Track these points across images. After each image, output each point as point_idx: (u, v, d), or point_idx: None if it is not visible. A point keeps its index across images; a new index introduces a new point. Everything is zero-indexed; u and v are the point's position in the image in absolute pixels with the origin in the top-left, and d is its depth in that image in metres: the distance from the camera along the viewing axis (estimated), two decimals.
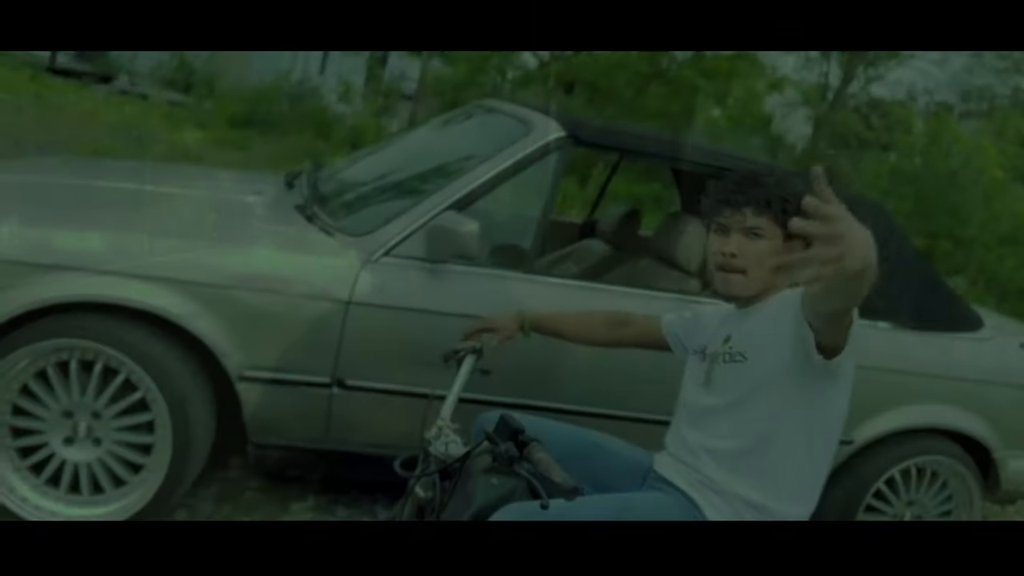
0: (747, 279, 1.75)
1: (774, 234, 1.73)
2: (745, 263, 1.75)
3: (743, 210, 1.74)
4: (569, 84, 14.23)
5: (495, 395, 2.39)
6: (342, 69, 17.93)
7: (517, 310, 2.19)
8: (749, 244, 1.74)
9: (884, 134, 14.64)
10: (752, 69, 12.97)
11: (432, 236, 2.46)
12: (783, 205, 1.72)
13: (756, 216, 1.73)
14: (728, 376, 1.77)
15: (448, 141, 3.25)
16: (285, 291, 2.38)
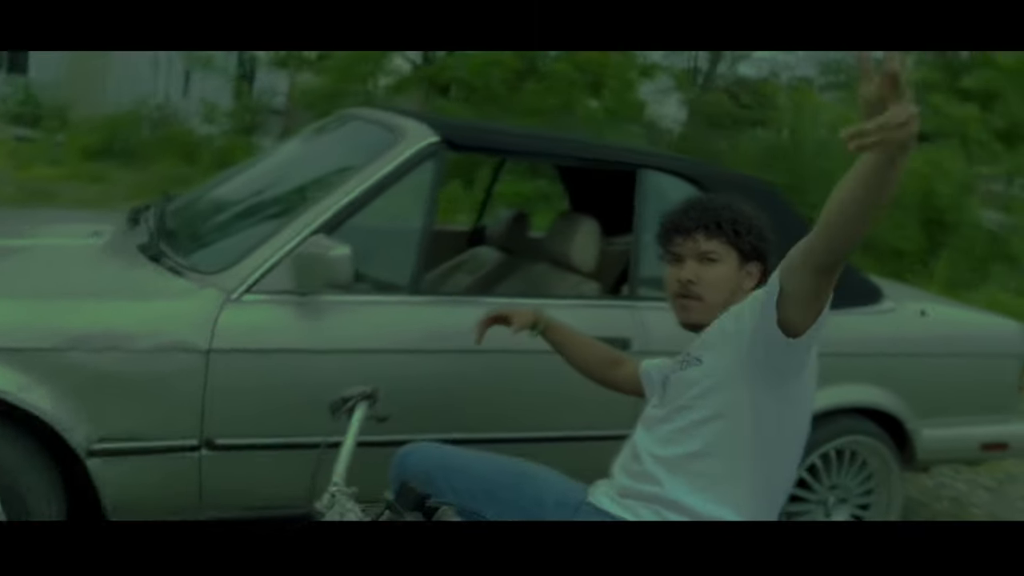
0: (705, 305, 1.73)
1: (728, 257, 1.73)
2: (702, 289, 1.73)
3: (695, 236, 1.73)
4: (444, 86, 14.00)
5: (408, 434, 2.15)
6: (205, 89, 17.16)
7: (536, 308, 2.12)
8: (704, 270, 1.73)
9: (754, 112, 15.04)
10: (623, 58, 13.05)
11: (299, 265, 2.18)
12: (734, 227, 1.72)
13: (708, 240, 1.72)
14: (681, 382, 1.69)
15: (312, 157, 2.96)
16: (131, 347, 2.05)
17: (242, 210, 2.66)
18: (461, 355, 2.36)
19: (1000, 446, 3.18)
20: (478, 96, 12.42)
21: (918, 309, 3.10)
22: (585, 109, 12.62)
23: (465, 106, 12.29)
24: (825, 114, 10.92)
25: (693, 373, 1.67)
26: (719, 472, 1.61)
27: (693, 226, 1.74)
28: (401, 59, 15.12)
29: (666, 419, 1.68)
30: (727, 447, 1.61)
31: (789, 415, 1.65)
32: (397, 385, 2.24)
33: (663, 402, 1.73)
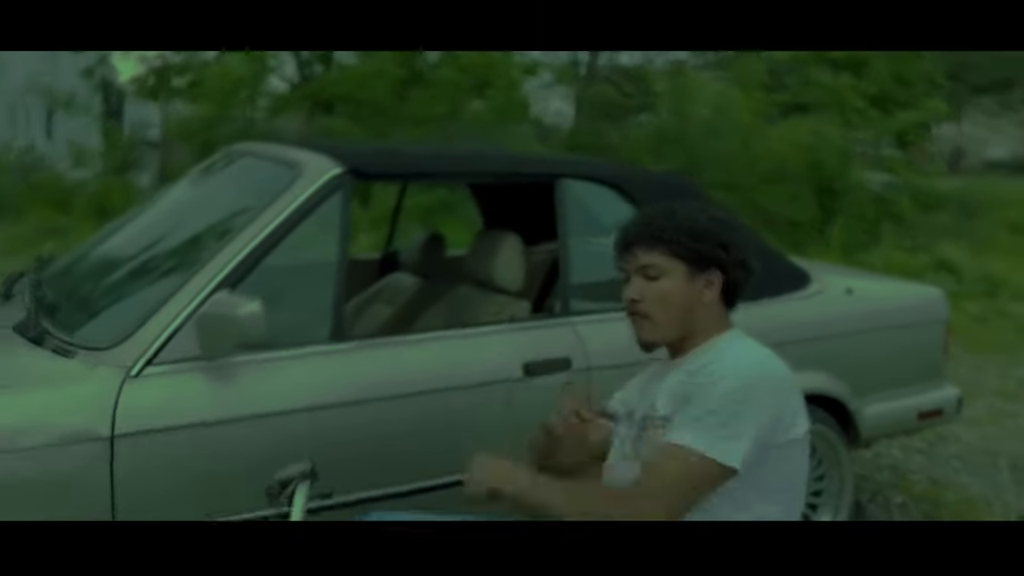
0: (654, 323, 1.61)
1: (674, 270, 1.60)
2: (648, 307, 1.61)
3: (634, 250, 1.62)
4: (327, 103, 13.61)
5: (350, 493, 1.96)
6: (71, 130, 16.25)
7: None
8: (648, 286, 1.61)
9: (638, 99, 15.22)
10: (504, 58, 12.98)
11: (204, 328, 1.96)
12: (675, 236, 1.59)
13: (647, 254, 1.60)
14: (654, 443, 1.55)
15: (203, 201, 2.71)
16: (21, 446, 1.79)
17: (131, 270, 2.39)
18: (394, 401, 2.19)
19: (936, 413, 3.22)
20: (364, 110, 12.12)
21: (843, 287, 3.09)
22: (472, 113, 12.49)
23: (351, 122, 11.97)
24: (705, 93, 11.10)
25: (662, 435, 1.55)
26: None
27: (631, 240, 1.63)
28: (278, 80, 14.64)
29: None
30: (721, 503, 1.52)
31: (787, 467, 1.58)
32: (329, 444, 2.06)
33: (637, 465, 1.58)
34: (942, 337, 3.22)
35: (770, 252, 3.04)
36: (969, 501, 3.55)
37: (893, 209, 10.20)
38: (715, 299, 1.63)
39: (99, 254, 2.62)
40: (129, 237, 2.65)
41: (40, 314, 2.11)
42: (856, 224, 9.64)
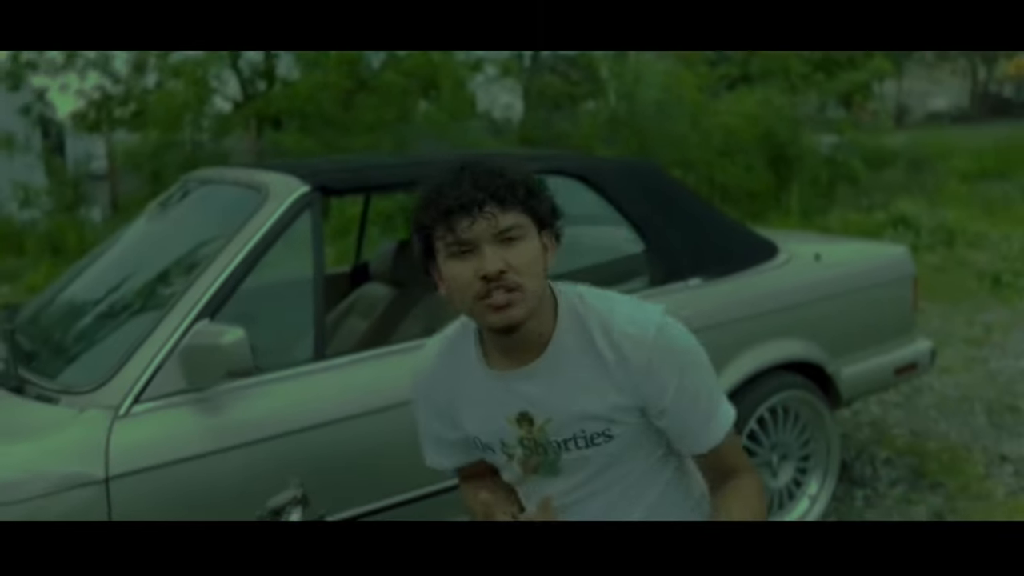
0: (526, 295, 1.28)
1: (530, 230, 1.29)
2: (518, 277, 1.26)
3: (487, 210, 1.25)
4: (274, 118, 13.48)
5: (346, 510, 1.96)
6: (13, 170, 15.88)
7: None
8: (512, 252, 1.26)
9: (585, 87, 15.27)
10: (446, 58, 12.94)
11: (188, 360, 1.95)
12: (526, 188, 1.29)
13: (505, 213, 1.26)
14: (590, 461, 1.40)
15: (172, 232, 2.67)
16: (18, 497, 1.76)
17: (106, 309, 2.36)
18: (382, 414, 2.19)
19: (911, 367, 3.29)
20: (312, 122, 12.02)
21: (811, 254, 3.15)
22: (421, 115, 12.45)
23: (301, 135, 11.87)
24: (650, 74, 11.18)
25: (606, 451, 1.38)
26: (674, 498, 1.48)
27: (481, 198, 1.25)
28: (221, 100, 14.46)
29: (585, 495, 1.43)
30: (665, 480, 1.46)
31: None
32: (323, 462, 2.06)
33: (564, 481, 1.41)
34: (911, 293, 3.30)
35: (737, 227, 3.09)
36: (951, 449, 3.65)
37: (845, 170, 10.37)
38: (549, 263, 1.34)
39: (68, 297, 2.58)
40: (97, 277, 2.62)
41: (18, 363, 2.08)
42: (811, 189, 9.79)
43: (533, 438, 1.39)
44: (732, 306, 2.79)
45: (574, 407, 1.35)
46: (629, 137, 10.67)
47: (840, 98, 12.41)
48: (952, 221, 8.23)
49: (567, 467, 1.40)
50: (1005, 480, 3.35)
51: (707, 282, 2.79)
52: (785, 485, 2.98)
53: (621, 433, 1.37)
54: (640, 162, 3.19)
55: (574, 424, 1.36)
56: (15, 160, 14.41)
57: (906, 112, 32.94)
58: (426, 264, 1.35)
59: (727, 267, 2.88)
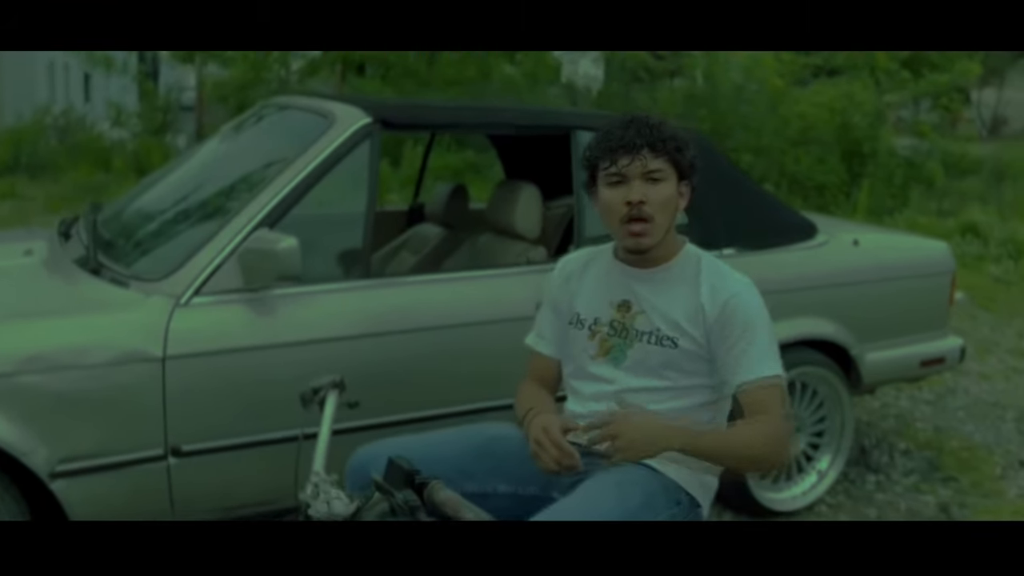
0: (655, 226, 1.67)
1: (671, 176, 1.67)
2: (652, 209, 1.65)
3: (641, 153, 1.64)
4: (359, 65, 13.74)
5: (361, 419, 2.15)
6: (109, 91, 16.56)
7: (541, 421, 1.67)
8: (653, 189, 1.65)
9: (669, 62, 15.15)
10: None
11: (246, 262, 2.16)
12: (675, 144, 1.67)
13: (655, 158, 1.65)
14: (655, 360, 1.71)
15: (243, 150, 2.89)
16: (84, 363, 2.00)
17: (178, 213, 2.59)
18: (418, 333, 2.37)
19: (938, 360, 3.34)
20: (395, 72, 12.25)
21: (850, 239, 3.21)
22: (502, 76, 12.56)
23: (382, 84, 12.12)
24: (737, 57, 11.07)
25: (668, 356, 1.69)
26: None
27: (640, 143, 1.64)
28: None
29: (638, 393, 1.69)
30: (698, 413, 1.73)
31: None
32: (360, 370, 2.25)
33: (624, 374, 1.72)
34: (947, 289, 3.33)
35: (777, 204, 3.17)
36: (971, 448, 3.69)
37: (922, 174, 10.15)
38: (683, 208, 1.74)
39: (146, 200, 2.82)
40: (174, 184, 2.86)
41: (97, 249, 2.32)
42: (884, 188, 9.62)
43: (623, 322, 1.74)
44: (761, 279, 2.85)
45: (662, 311, 1.70)
46: (705, 117, 10.61)
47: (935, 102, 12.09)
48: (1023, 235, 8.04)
49: (632, 360, 1.72)
50: (1019, 483, 3.39)
51: (741, 253, 2.89)
52: (795, 457, 3.08)
53: (683, 348, 1.69)
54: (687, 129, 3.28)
55: (656, 322, 1.71)
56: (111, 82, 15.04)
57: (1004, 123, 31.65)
58: (588, 189, 1.76)
59: (763, 241, 2.97)
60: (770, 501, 3.00)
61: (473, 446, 1.77)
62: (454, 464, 1.68)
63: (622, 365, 1.73)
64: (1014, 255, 7.65)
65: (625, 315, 1.75)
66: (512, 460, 1.73)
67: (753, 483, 2.94)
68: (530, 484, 1.73)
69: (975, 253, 7.75)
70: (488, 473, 1.73)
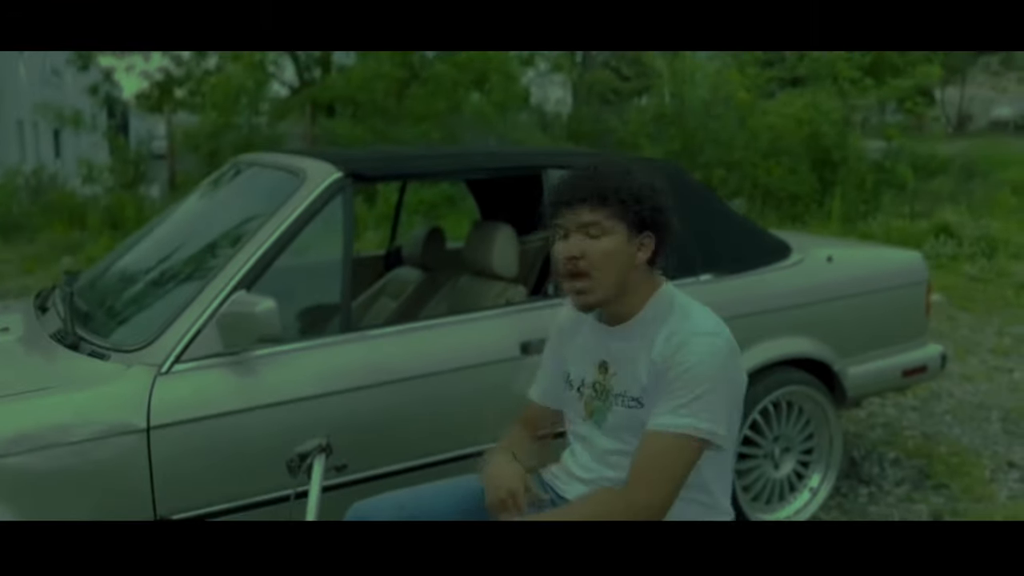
0: (594, 282, 1.61)
1: (616, 229, 1.60)
2: (588, 264, 1.60)
3: (577, 208, 1.60)
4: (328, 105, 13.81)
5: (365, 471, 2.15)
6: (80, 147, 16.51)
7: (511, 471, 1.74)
8: (591, 244, 1.61)
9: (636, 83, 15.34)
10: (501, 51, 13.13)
11: (225, 326, 2.15)
12: (620, 197, 1.60)
13: (593, 212, 1.60)
14: (628, 421, 1.66)
15: (216, 211, 2.90)
16: (67, 440, 1.99)
17: (154, 278, 2.59)
18: (402, 384, 2.37)
19: (920, 369, 3.38)
20: (364, 110, 12.32)
21: (824, 256, 3.25)
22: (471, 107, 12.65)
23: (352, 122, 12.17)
24: (703, 74, 11.23)
25: (638, 417, 1.64)
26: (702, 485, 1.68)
27: (579, 197, 1.61)
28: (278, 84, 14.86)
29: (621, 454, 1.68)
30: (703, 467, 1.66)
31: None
32: (346, 425, 2.25)
33: (605, 432, 1.70)
34: (923, 298, 3.37)
35: (751, 227, 3.21)
36: (960, 452, 3.72)
37: (893, 177, 10.30)
38: (645, 261, 1.65)
39: (122, 266, 2.82)
40: (149, 249, 2.85)
41: (75, 322, 2.31)
42: (855, 194, 9.75)
43: (603, 384, 1.71)
44: (740, 302, 2.91)
45: (631, 370, 1.65)
46: (675, 135, 10.73)
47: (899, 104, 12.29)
48: (996, 232, 8.16)
49: (611, 423, 1.69)
50: (1009, 485, 3.42)
51: (718, 279, 2.92)
52: (786, 476, 3.10)
53: (647, 404, 1.62)
54: (660, 161, 3.32)
55: (627, 383, 1.66)
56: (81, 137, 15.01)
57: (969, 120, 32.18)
58: (554, 241, 1.69)
59: (738, 265, 3.00)
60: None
61: (468, 498, 1.79)
62: (453, 514, 1.71)
63: (603, 427, 1.72)
64: (988, 253, 7.76)
65: (605, 376, 1.71)
66: None
67: (745, 504, 2.95)
68: None
69: (950, 253, 7.85)
70: None
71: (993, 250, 7.79)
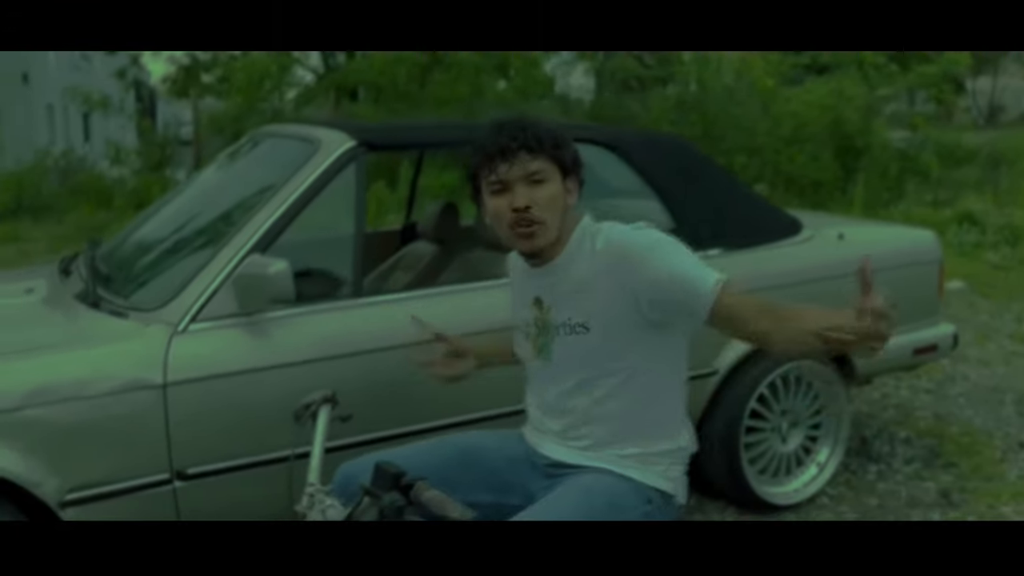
0: (545, 228, 1.66)
1: (554, 175, 1.66)
2: (540, 212, 1.64)
3: (519, 157, 1.63)
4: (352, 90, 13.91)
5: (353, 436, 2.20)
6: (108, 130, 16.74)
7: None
8: (538, 191, 1.64)
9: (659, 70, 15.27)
10: None
11: (239, 287, 2.22)
12: (554, 143, 1.66)
13: (533, 160, 1.64)
14: (575, 350, 1.71)
15: (233, 179, 2.97)
16: (87, 394, 2.06)
17: (173, 244, 2.66)
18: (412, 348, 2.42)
19: (931, 348, 3.38)
20: (387, 95, 12.39)
21: (835, 234, 3.26)
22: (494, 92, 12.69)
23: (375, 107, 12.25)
24: (727, 61, 11.17)
25: (585, 342, 1.68)
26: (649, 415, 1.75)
27: (516, 147, 1.62)
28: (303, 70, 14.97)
29: (574, 390, 1.73)
30: (644, 395, 1.73)
31: (679, 338, 1.77)
32: (355, 387, 2.30)
33: (556, 370, 1.75)
34: (935, 277, 3.37)
35: (761, 202, 3.23)
36: (971, 433, 3.71)
37: (916, 165, 10.20)
38: (573, 204, 1.72)
39: (142, 233, 2.89)
40: (168, 217, 2.93)
41: (96, 283, 2.39)
42: (879, 182, 9.67)
43: (543, 319, 1.76)
44: (749, 277, 2.91)
45: (569, 299, 1.70)
46: (696, 121, 10.69)
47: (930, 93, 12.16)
48: (1020, 220, 8.07)
49: (558, 354, 1.74)
50: (1020, 464, 3.41)
51: (726, 253, 2.94)
52: (794, 451, 3.12)
53: (595, 329, 1.67)
54: (666, 135, 3.34)
55: (567, 312, 1.71)
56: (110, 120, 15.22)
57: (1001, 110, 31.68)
58: (475, 199, 1.74)
59: (748, 240, 3.02)
60: (770, 495, 3.04)
61: (454, 456, 1.83)
62: (437, 474, 1.70)
63: (552, 360, 1.76)
64: (1011, 241, 7.68)
65: (541, 311, 1.77)
66: (493, 470, 1.81)
67: (752, 477, 2.98)
68: (512, 494, 1.80)
69: (973, 241, 7.79)
70: (471, 484, 1.79)
71: (1016, 238, 7.71)
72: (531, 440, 1.87)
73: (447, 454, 1.84)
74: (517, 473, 1.83)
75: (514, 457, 1.86)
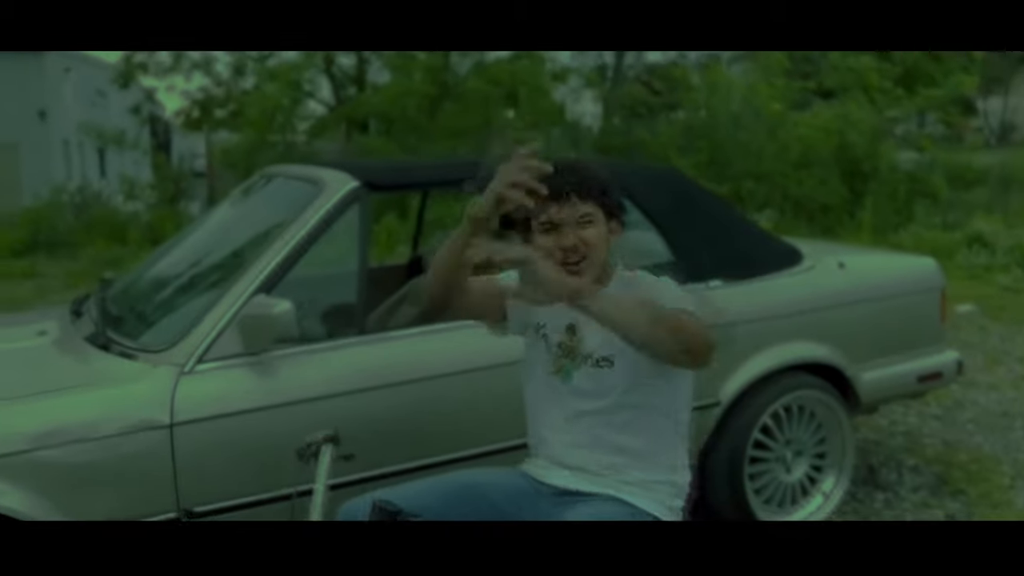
0: (590, 263, 1.77)
1: (600, 218, 1.78)
2: (588, 251, 1.76)
3: (571, 200, 1.74)
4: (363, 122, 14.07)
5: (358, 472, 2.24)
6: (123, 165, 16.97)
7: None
8: (585, 232, 1.76)
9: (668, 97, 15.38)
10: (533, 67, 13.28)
11: (245, 328, 2.27)
12: (601, 188, 1.78)
13: (584, 203, 1.75)
14: (596, 381, 1.81)
15: (241, 220, 3.03)
16: (96, 435, 2.11)
17: (181, 284, 2.72)
18: (415, 384, 2.46)
19: (935, 375, 3.38)
20: (397, 127, 12.53)
21: (836, 263, 3.28)
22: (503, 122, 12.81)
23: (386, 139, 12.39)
24: (736, 88, 11.26)
25: (606, 376, 1.80)
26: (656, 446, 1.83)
27: (568, 190, 1.74)
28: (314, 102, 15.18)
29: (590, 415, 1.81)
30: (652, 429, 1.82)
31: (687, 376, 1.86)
32: (360, 424, 2.34)
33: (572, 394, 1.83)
34: (937, 304, 3.38)
35: (761, 233, 3.26)
36: (979, 460, 3.70)
37: (925, 187, 10.20)
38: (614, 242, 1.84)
39: (152, 273, 2.96)
40: (178, 256, 2.99)
41: (106, 325, 2.45)
42: (887, 204, 9.68)
43: (569, 346, 1.85)
44: (749, 308, 2.96)
45: (599, 332, 1.73)
46: (704, 147, 10.75)
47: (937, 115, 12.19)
48: None
49: (577, 381, 1.83)
50: None
51: (727, 284, 2.97)
52: (799, 480, 3.12)
53: (619, 364, 1.78)
54: (663, 168, 3.39)
55: (594, 344, 1.80)
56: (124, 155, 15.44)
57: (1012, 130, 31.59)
58: (523, 235, 1.81)
59: (748, 271, 3.05)
60: None
61: (454, 493, 1.85)
62: (437, 512, 1.76)
63: (569, 384, 1.84)
64: (1022, 263, 7.66)
65: (572, 339, 1.85)
66: (493, 505, 1.84)
67: (757, 507, 2.98)
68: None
69: (983, 264, 7.77)
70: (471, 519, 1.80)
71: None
72: (534, 472, 1.91)
73: (447, 491, 1.86)
74: (518, 507, 1.86)
75: (515, 492, 1.88)
